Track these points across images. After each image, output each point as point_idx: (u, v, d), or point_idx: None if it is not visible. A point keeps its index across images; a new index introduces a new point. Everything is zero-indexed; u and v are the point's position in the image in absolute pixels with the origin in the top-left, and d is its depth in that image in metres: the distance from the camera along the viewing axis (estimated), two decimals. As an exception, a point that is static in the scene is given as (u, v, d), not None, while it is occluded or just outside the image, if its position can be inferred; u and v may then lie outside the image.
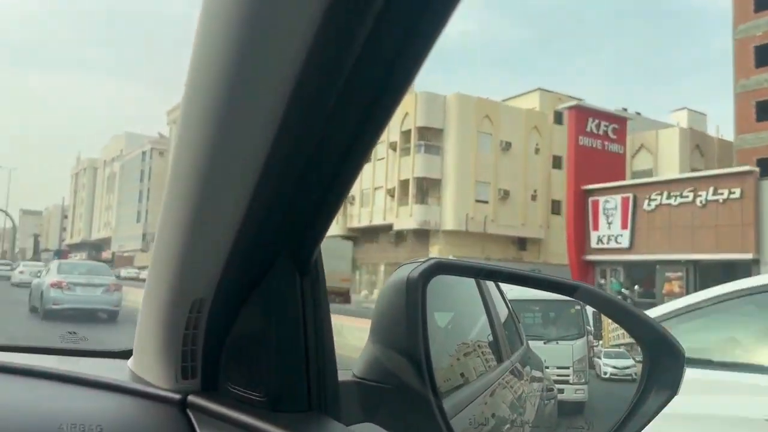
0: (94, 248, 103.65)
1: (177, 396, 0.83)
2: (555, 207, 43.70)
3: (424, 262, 0.86)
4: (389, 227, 41.68)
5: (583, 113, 33.54)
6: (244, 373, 0.79)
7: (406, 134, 40.82)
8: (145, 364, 0.90)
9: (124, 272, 62.16)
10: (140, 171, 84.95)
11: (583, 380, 0.98)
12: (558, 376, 1.00)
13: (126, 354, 1.03)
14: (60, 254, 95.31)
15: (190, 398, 0.82)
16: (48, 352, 1.10)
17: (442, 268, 0.88)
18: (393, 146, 41.03)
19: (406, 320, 0.82)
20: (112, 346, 1.14)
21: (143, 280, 0.91)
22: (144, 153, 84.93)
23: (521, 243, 43.49)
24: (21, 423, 0.79)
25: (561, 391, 0.99)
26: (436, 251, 38.78)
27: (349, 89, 0.58)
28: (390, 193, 41.79)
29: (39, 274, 16.75)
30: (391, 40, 0.54)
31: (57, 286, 14.02)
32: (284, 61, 0.54)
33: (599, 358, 0.99)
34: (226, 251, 0.71)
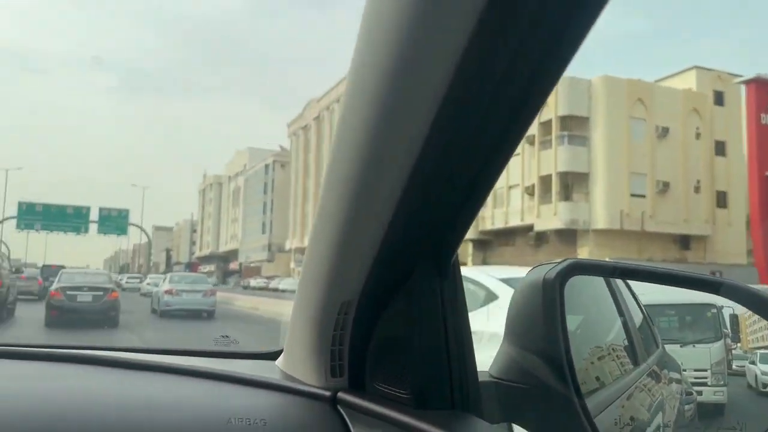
0: (222, 260, 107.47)
1: (327, 393, 0.86)
2: (720, 199, 38.12)
3: (559, 263, 0.86)
4: (528, 228, 37.97)
5: (765, 87, 28.23)
6: (389, 372, 0.81)
7: (545, 125, 37.01)
8: (295, 364, 0.95)
9: (253, 282, 62.77)
10: (263, 183, 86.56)
11: (722, 382, 0.96)
12: (695, 378, 0.99)
13: (273, 355, 1.10)
14: (190, 267, 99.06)
15: (340, 395, 0.85)
16: (203, 354, 1.17)
17: (578, 268, 0.87)
18: (530, 140, 37.31)
19: (543, 321, 0.81)
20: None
21: (272, 290, 0.94)
22: (267, 166, 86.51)
23: (684, 241, 38.15)
24: (193, 418, 0.84)
25: (699, 393, 0.98)
26: (586, 253, 34.61)
27: (500, 89, 0.58)
28: (528, 191, 38.05)
29: (157, 284, 21.49)
30: (542, 40, 0.54)
31: (169, 292, 18.49)
32: (440, 63, 0.54)
33: (754, 363, 0.95)
34: (373, 255, 0.73)
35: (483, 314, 3.93)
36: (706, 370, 0.97)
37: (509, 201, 39.59)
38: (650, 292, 0.99)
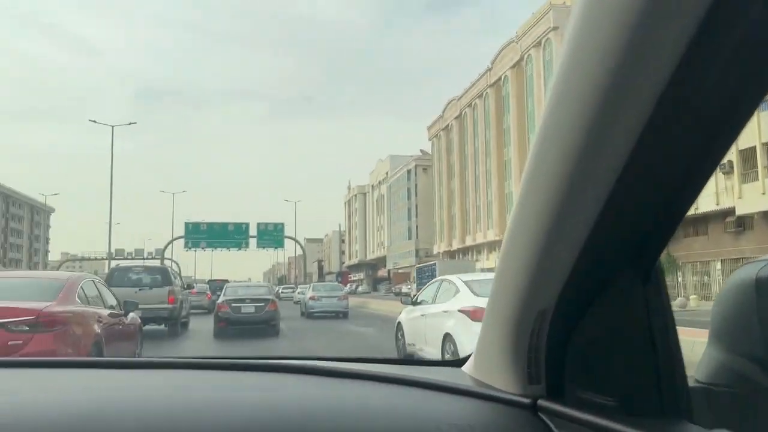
0: (371, 267, 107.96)
1: (527, 400, 0.85)
2: None
3: None
4: (726, 213, 31.84)
5: None
6: (592, 378, 0.79)
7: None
8: (489, 371, 0.94)
9: (405, 288, 61.00)
10: (407, 189, 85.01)
11: None
12: None
13: (458, 363, 1.10)
14: (341, 276, 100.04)
15: (540, 402, 0.83)
16: (388, 362, 1.20)
17: None
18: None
19: (760, 324, 0.77)
20: None
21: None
22: (409, 172, 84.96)
23: None
24: (403, 424, 0.83)
25: None
26: (808, 239, 27.99)
27: (717, 90, 0.55)
28: (723, 169, 31.86)
29: (304, 292, 27.09)
30: (762, 44, 0.51)
31: (312, 298, 23.27)
32: (657, 66, 0.52)
33: None
34: (572, 261, 0.71)
35: (454, 300, 8.09)
36: None
37: (695, 183, 33.44)
38: None
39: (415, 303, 9.66)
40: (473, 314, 7.05)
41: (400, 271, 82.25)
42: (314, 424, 0.83)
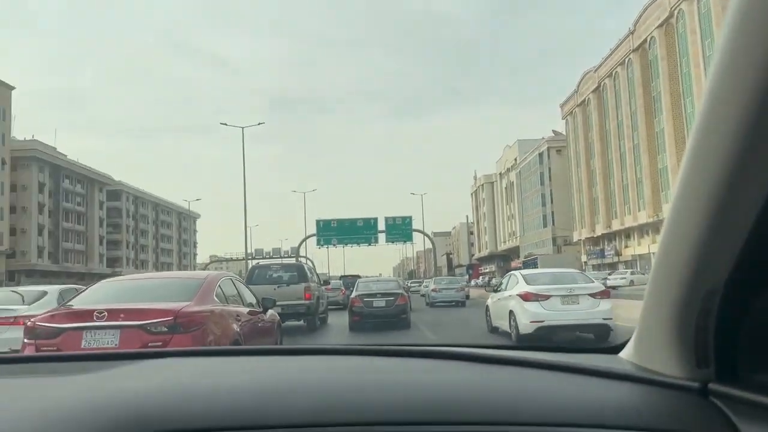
0: (502, 259, 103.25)
1: (696, 384, 0.82)
2: None
3: None
4: None
5: None
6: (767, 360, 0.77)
7: None
8: (651, 355, 0.91)
9: None
10: (539, 174, 79.68)
11: None
12: None
13: (613, 349, 1.08)
14: (471, 269, 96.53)
15: (712, 386, 0.80)
16: (543, 349, 1.20)
17: None
18: None
19: None
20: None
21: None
22: (540, 155, 79.58)
23: None
24: (566, 407, 0.83)
25: None
26: None
27: None
28: None
29: (428, 285, 30.27)
30: None
31: (434, 290, 26.67)
32: None
33: None
34: (743, 240, 0.67)
35: (515, 288, 10.94)
36: None
37: None
38: None
39: (496, 291, 12.72)
40: (525, 297, 10.30)
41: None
42: (474, 407, 0.82)
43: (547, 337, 9.93)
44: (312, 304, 14.86)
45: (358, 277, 28.72)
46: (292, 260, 47.55)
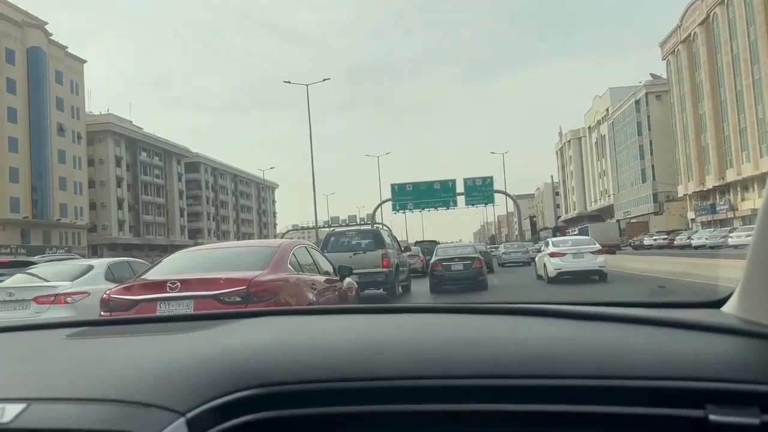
0: (592, 220, 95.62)
1: None
2: None
3: None
4: None
5: None
6: None
7: None
8: (754, 309, 0.89)
9: (647, 240, 49.80)
10: (635, 124, 71.43)
11: None
12: None
13: (715, 304, 1.04)
14: (558, 230, 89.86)
15: None
16: (641, 305, 1.15)
17: None
18: None
19: None
20: None
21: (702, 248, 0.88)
22: (637, 102, 71.19)
23: None
24: (673, 361, 0.81)
25: None
26: None
27: None
28: None
29: (499, 249, 36.05)
30: None
31: (504, 253, 31.72)
32: None
33: None
34: None
35: (546, 249, 18.26)
36: None
37: None
38: None
39: (539, 251, 20.30)
40: (551, 255, 16.52)
41: (633, 221, 69.66)
42: (572, 362, 0.82)
43: (566, 278, 15.64)
44: (390, 272, 14.03)
45: (436, 243, 28.13)
46: (368, 227, 48.32)
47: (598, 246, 16.93)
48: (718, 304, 1.02)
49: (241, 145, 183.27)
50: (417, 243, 31.55)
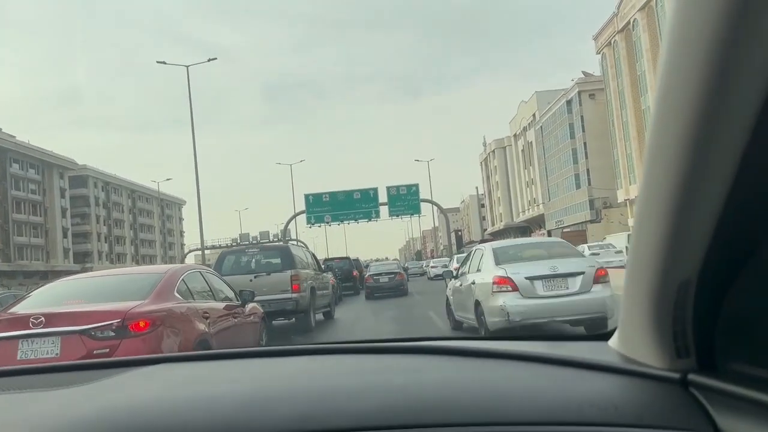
0: (520, 231, 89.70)
1: (676, 375, 0.79)
2: None
3: None
4: None
5: None
6: (747, 350, 0.73)
7: None
8: (633, 345, 0.87)
9: (590, 250, 43.30)
10: (568, 126, 65.29)
11: None
12: None
13: (604, 336, 1.03)
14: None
15: (691, 377, 0.78)
16: (531, 338, 1.17)
17: None
18: None
19: None
20: None
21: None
22: (569, 103, 65.14)
23: None
24: (545, 404, 0.80)
25: None
26: None
27: None
28: None
29: (427, 265, 39.93)
30: None
31: (432, 267, 33.65)
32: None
33: None
34: (711, 231, 0.64)
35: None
36: None
37: None
38: None
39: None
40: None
41: (566, 230, 63.15)
42: (458, 405, 0.81)
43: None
44: (302, 297, 11.19)
45: (349, 260, 27.28)
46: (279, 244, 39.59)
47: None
48: (606, 337, 1.00)
49: (155, 163, 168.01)
50: (325, 261, 25.21)
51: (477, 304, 7.64)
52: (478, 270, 8.04)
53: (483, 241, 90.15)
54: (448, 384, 0.88)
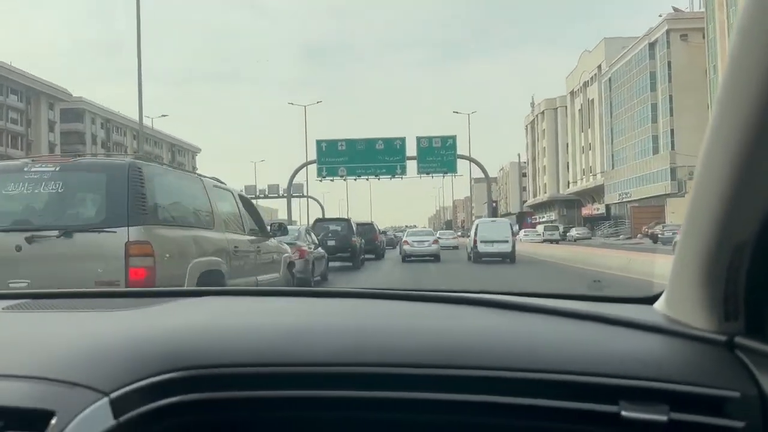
0: (566, 205, 77.30)
1: (722, 337, 0.80)
2: None
3: None
4: None
5: None
6: None
7: None
8: (681, 307, 0.88)
9: (661, 231, 31.37)
10: (647, 75, 51.66)
11: None
12: None
13: (649, 300, 1.04)
14: (522, 218, 71.53)
15: (738, 339, 0.78)
16: (576, 297, 1.16)
17: None
18: None
19: None
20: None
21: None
22: (651, 46, 51.30)
23: None
24: (587, 357, 0.82)
25: None
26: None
27: None
28: None
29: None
30: None
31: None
32: None
33: None
34: None
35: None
36: None
37: None
38: None
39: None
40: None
41: (637, 204, 50.14)
42: (496, 351, 0.84)
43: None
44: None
45: (371, 224, 24.54)
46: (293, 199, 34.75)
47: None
48: (651, 300, 1.01)
49: (194, 119, 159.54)
50: (317, 222, 20.66)
51: (470, 244, 20.94)
52: (473, 233, 21.08)
53: (521, 213, 77.91)
54: (487, 332, 0.90)
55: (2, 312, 1.08)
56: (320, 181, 35.82)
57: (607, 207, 59.79)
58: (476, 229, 20.02)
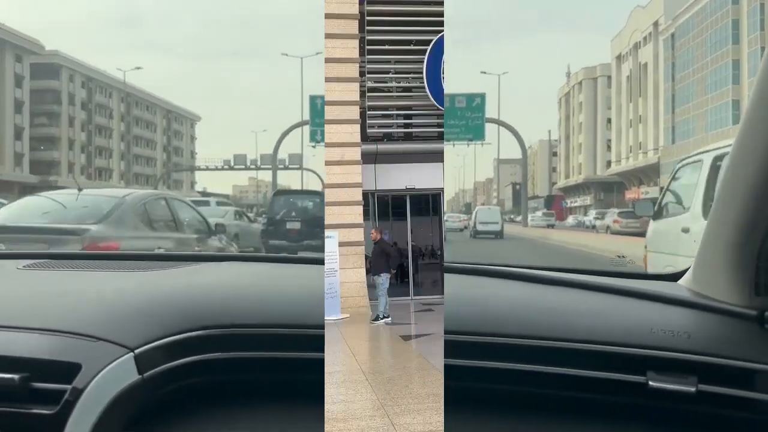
0: (604, 188, 67.14)
1: (753, 312, 0.80)
2: None
3: None
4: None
5: None
6: None
7: None
8: (709, 282, 0.89)
9: None
10: (729, 24, 40.85)
11: None
12: None
13: (674, 276, 1.06)
14: (551, 201, 61.60)
15: None
16: (602, 273, 1.16)
17: None
18: None
19: None
20: None
21: None
22: (736, -15, 40.60)
23: None
24: (616, 324, 0.84)
25: None
26: None
27: None
28: None
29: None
30: None
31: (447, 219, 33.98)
32: None
33: None
34: None
35: None
36: None
37: None
38: None
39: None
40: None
41: (705, 186, 39.44)
42: (529, 321, 0.86)
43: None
44: None
45: (316, 193, 17.21)
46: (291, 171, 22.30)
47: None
48: (676, 277, 1.03)
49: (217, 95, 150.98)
50: (276, 196, 15.47)
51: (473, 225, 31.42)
52: (475, 217, 32.15)
53: (550, 197, 67.60)
54: (520, 303, 0.92)
55: (23, 269, 1.10)
56: (313, 146, 28.20)
57: (661, 189, 49.45)
58: (476, 215, 30.94)
